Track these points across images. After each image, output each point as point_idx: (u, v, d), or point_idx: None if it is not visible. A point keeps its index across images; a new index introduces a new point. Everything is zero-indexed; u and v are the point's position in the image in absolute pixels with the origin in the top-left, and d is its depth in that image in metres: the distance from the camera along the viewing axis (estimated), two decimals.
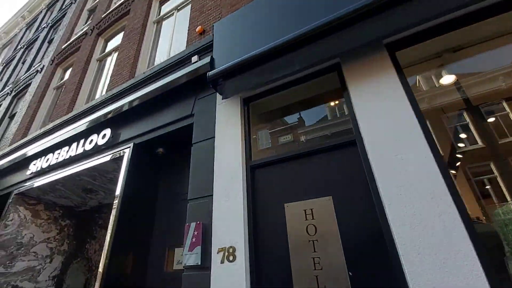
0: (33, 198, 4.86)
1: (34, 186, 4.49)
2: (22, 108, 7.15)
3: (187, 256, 2.18)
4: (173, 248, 2.99)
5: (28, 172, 4.72)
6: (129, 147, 3.39)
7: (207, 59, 3.03)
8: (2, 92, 9.21)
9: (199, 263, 2.10)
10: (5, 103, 8.33)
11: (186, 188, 3.34)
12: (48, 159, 4.47)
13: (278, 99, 2.70)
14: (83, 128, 4.05)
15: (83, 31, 7.15)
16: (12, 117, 7.94)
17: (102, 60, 6.21)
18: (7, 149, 5.80)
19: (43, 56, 9.27)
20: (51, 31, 9.99)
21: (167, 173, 3.59)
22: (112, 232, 2.81)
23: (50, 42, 9.62)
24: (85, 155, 3.92)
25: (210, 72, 2.68)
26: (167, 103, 3.37)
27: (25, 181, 4.79)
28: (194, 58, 3.35)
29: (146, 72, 4.01)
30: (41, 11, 12.37)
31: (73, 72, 6.12)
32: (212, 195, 2.34)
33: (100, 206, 5.08)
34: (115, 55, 5.74)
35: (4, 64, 11.53)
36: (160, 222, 3.27)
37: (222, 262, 2.00)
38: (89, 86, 5.77)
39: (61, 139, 4.33)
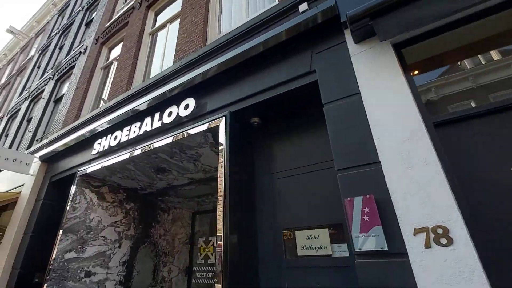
0: (98, 180, 4.56)
1: (102, 166, 4.16)
2: (69, 90, 6.89)
3: (359, 239, 1.68)
4: (290, 230, 2.52)
5: (94, 152, 4.40)
6: (224, 115, 2.92)
7: (329, 2, 2.46)
8: (43, 78, 9.04)
9: (385, 248, 1.60)
10: (48, 88, 8.14)
11: (282, 165, 2.86)
12: (116, 137, 4.11)
13: (439, 43, 2.11)
14: (156, 101, 3.63)
15: (129, 5, 6.72)
16: (57, 101, 7.74)
17: (154, 34, 5.76)
18: (62, 131, 5.53)
19: (82, 38, 9.00)
20: (87, 14, 9.68)
21: (261, 147, 3.10)
22: (226, 215, 2.36)
23: (88, 24, 9.32)
24: (164, 129, 3.51)
25: (350, 12, 2.12)
26: (271, 63, 2.85)
27: (89, 161, 4.48)
28: (303, 7, 2.79)
29: (231, 31, 3.49)
30: None
31: (126, 48, 5.72)
32: (379, 162, 1.82)
33: (166, 188, 4.71)
34: (173, 25, 5.28)
35: (40, 52, 11.42)
36: (263, 203, 2.81)
37: (427, 246, 1.49)
38: (144, 60, 5.36)
39: (130, 115, 3.94)
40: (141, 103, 3.78)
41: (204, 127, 3.03)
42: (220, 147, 2.74)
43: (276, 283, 2.34)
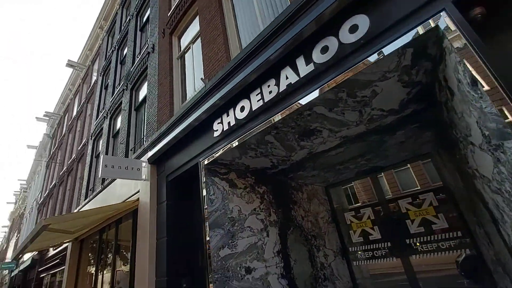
0: (224, 165, 3.97)
1: (230, 147, 3.52)
2: (151, 91, 6.59)
3: None
4: None
5: (216, 134, 3.80)
6: (444, 9, 1.93)
7: None
8: (115, 93, 9.10)
9: None
10: (125, 99, 8.07)
11: None
12: (243, 108, 3.42)
13: None
14: (296, 40, 2.79)
15: None
16: (138, 108, 7.59)
17: None
18: (162, 128, 5.12)
19: (142, 43, 8.80)
20: (138, 19, 9.48)
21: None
22: None
23: (142, 28, 9.11)
24: (319, 72, 2.66)
25: None
26: None
27: (211, 147, 3.91)
28: None
29: None
30: (117, 13, 12.20)
31: (205, 21, 5.06)
32: None
33: (303, 160, 3.94)
34: None
35: (102, 73, 11.74)
36: None
37: None
38: (233, 23, 4.63)
39: (257, 74, 3.19)
40: (272, 53, 2.98)
41: (405, 39, 2.08)
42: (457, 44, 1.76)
43: None
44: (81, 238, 8.48)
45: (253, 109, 3.30)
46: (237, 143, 3.47)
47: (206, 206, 3.65)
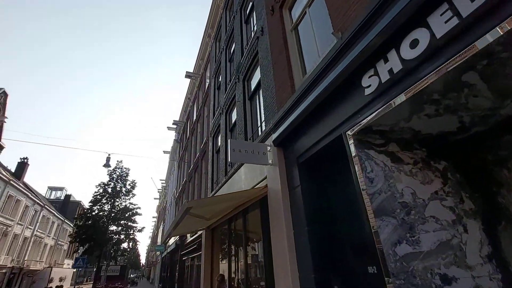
0: (380, 134, 2.96)
1: (393, 105, 2.48)
2: (264, 74, 6.23)
3: None
4: None
5: (368, 92, 2.85)
6: None
7: None
8: (228, 88, 9.41)
9: None
10: (238, 91, 8.13)
11: None
12: (415, 42, 2.34)
13: None
14: None
15: None
16: (251, 97, 7.46)
17: None
18: (287, 104, 4.53)
19: (248, 35, 8.73)
20: (242, 13, 9.53)
21: None
22: None
23: (247, 20, 9.07)
24: None
25: None
26: None
27: (360, 111, 2.97)
28: None
29: None
30: (221, 17, 12.91)
31: None
32: None
33: (509, 119, 2.49)
34: None
35: (214, 76, 12.62)
36: None
37: None
38: None
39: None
40: None
41: None
42: None
43: None
44: (212, 226, 9.10)
45: (437, 37, 2.18)
46: (403, 98, 2.42)
47: (364, 187, 2.74)
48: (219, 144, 10.24)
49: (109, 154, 15.20)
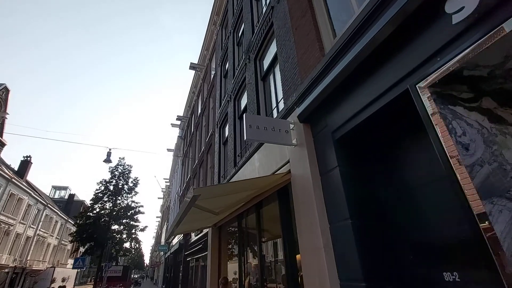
0: (469, 84, 2.05)
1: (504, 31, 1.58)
2: (282, 45, 5.35)
3: None
4: None
5: (457, 19, 1.95)
6: None
7: None
8: (237, 71, 8.55)
9: None
10: (249, 72, 7.27)
11: None
12: None
13: None
14: None
15: None
16: (264, 77, 6.59)
17: None
18: (318, 67, 3.65)
19: (259, 11, 7.88)
20: None
21: None
22: None
23: None
24: None
25: None
26: None
27: (442, 50, 2.08)
28: None
29: None
30: (228, 1, 12.09)
31: None
32: None
33: None
34: None
35: (220, 63, 11.79)
36: None
37: None
38: None
39: None
40: None
41: None
42: None
43: None
44: (220, 224, 8.24)
45: None
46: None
47: (455, 155, 1.85)
48: (227, 134, 9.40)
49: (110, 149, 14.42)
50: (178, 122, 23.54)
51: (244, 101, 7.81)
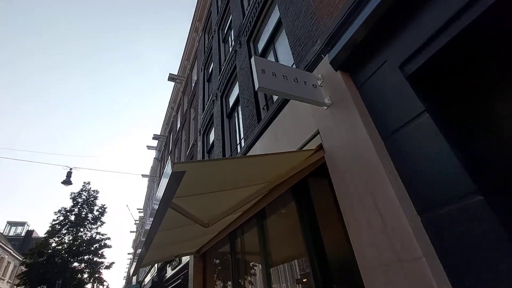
0: None
1: None
2: (286, 7, 4.27)
3: None
4: None
5: None
6: None
7: None
8: (225, 62, 7.37)
9: None
10: (240, 56, 6.09)
11: None
12: None
13: None
14: None
15: None
16: (263, 55, 5.41)
17: None
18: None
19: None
20: None
21: None
22: None
23: None
24: None
25: None
26: None
27: None
28: None
29: None
30: (211, 3, 11.31)
31: None
32: None
33: None
34: None
35: (203, 67, 10.66)
36: None
37: None
38: None
39: None
40: None
41: None
42: None
43: None
44: (204, 250, 6.44)
45: None
46: None
47: None
48: (212, 139, 7.96)
49: (70, 168, 12.21)
50: (155, 143, 21.66)
51: (235, 93, 6.53)
